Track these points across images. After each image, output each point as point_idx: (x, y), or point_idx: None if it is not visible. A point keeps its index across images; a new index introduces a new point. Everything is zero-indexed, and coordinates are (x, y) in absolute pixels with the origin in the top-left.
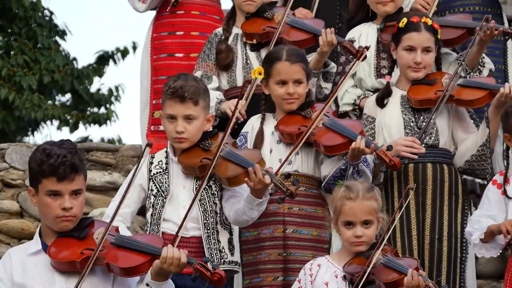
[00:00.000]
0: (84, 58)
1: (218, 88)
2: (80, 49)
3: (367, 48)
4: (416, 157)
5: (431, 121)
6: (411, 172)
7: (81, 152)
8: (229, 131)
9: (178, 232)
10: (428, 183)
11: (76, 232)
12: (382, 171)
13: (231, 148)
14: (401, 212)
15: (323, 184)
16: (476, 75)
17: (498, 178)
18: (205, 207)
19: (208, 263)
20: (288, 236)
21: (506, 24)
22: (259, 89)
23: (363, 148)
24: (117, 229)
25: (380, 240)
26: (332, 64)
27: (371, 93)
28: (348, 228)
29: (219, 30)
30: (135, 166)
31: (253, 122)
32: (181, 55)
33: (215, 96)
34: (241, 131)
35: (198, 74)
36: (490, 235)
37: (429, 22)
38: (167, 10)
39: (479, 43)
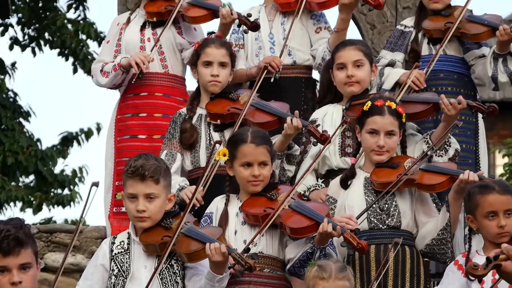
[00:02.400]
0: (48, 139)
1: (182, 169)
2: (44, 130)
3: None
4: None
5: (383, 199)
6: (372, 254)
7: (28, 227)
8: (187, 214)
9: None
10: (390, 264)
11: None
12: (350, 254)
13: (192, 225)
14: None
15: (288, 267)
16: (442, 154)
17: (460, 259)
18: (167, 286)
19: None
20: None
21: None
22: (223, 170)
23: (330, 231)
24: None
25: None
26: (296, 147)
27: (323, 185)
28: None
29: (183, 110)
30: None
31: (217, 203)
32: (144, 136)
33: (177, 182)
34: (206, 212)
35: (164, 153)
36: None
37: (393, 106)
38: (133, 81)
39: (446, 120)
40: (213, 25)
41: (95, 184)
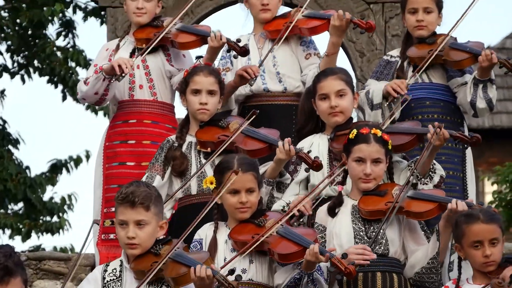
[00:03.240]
0: (37, 166)
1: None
2: (33, 157)
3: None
4: (368, 263)
5: (381, 231)
6: (360, 281)
7: (18, 256)
8: (181, 240)
9: None
10: None
11: None
12: (337, 279)
13: (180, 250)
14: None
15: None
16: (427, 181)
17: (450, 285)
18: None
19: None
20: None
21: (466, 133)
22: (211, 197)
23: (318, 256)
24: None
25: None
26: (287, 175)
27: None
28: None
29: (172, 137)
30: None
31: (207, 230)
32: (132, 163)
33: None
34: (195, 238)
35: (144, 177)
36: None
37: (379, 133)
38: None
39: (429, 149)
40: (202, 50)
41: (96, 222)
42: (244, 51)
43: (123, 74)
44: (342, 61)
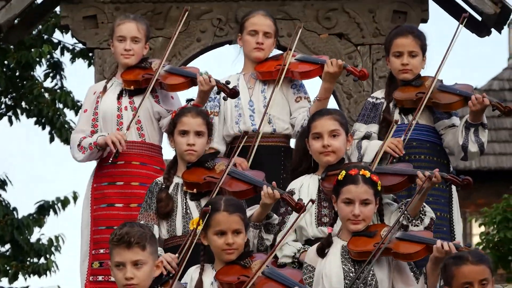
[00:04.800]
0: (24, 208)
1: (159, 239)
2: (20, 199)
3: (312, 201)
4: None
5: (364, 271)
6: None
7: None
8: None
9: None
10: None
11: None
12: None
13: None
14: None
15: None
16: (418, 223)
17: None
18: None
19: None
20: None
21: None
22: (199, 239)
23: None
24: None
25: None
26: (274, 216)
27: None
28: None
29: (160, 179)
30: None
31: (192, 273)
32: (120, 205)
33: None
34: (181, 282)
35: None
36: None
37: (368, 174)
38: (109, 161)
39: (420, 192)
40: (192, 92)
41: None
42: (233, 93)
43: (118, 151)
44: (329, 102)
